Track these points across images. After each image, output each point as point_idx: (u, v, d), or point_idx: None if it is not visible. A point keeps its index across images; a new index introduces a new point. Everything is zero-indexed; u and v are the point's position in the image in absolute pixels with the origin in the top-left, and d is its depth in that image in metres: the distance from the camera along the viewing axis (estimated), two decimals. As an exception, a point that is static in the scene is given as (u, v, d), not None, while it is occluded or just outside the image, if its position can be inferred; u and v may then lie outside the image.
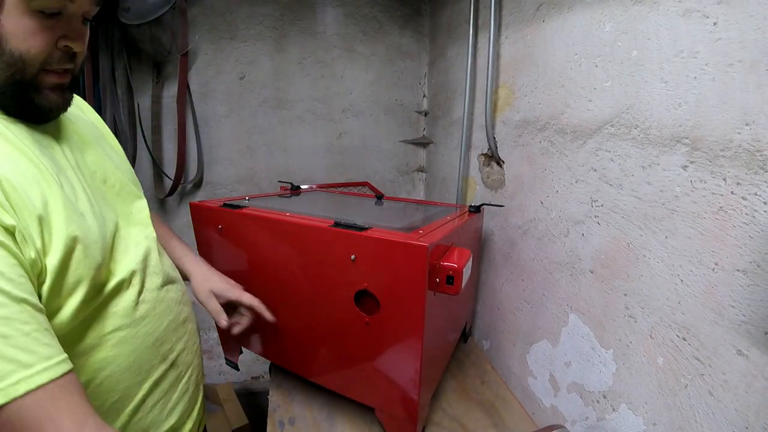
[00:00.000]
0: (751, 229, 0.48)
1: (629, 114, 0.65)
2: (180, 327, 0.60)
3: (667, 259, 0.59)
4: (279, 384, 0.95)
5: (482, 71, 1.08)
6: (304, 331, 0.81)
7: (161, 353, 0.56)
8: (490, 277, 1.11)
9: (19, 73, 0.40)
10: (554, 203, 0.84)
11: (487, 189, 1.12)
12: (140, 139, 1.35)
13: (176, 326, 0.59)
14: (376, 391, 0.75)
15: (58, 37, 0.41)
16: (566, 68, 0.79)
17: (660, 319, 0.61)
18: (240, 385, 1.66)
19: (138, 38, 1.23)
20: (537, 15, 0.87)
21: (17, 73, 0.40)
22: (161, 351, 0.56)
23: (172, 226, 1.48)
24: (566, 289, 0.81)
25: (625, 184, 0.66)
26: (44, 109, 0.45)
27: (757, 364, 0.48)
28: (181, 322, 0.60)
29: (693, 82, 0.54)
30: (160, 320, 0.55)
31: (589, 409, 0.76)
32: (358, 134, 1.58)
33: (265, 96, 1.46)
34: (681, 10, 0.55)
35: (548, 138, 0.86)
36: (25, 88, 0.42)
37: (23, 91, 0.42)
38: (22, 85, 0.41)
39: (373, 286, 0.66)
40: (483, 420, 0.85)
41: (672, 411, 0.59)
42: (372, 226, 0.68)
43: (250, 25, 1.40)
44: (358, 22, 1.48)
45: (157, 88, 1.36)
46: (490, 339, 1.12)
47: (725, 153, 0.51)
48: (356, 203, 1.12)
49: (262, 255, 0.80)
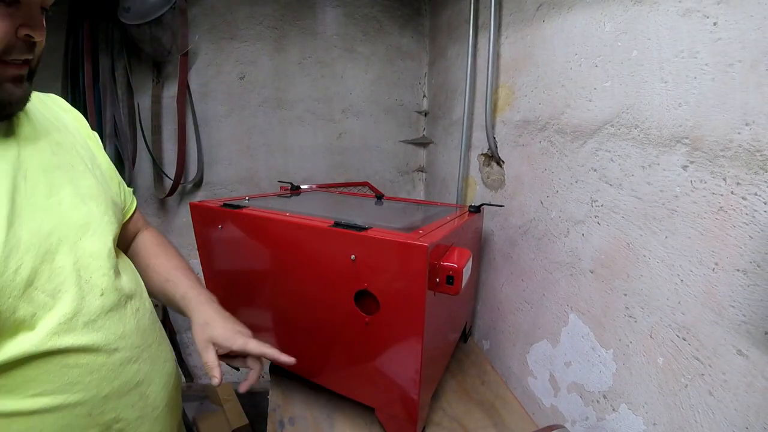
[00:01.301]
0: (751, 229, 0.48)
1: (629, 114, 0.65)
2: (130, 392, 0.50)
3: (667, 259, 0.59)
4: (279, 384, 0.95)
5: (482, 71, 1.08)
6: (304, 331, 0.81)
7: (100, 423, 0.48)
8: (490, 277, 1.11)
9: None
10: (554, 203, 0.84)
11: (487, 189, 1.12)
12: (140, 139, 1.35)
13: (125, 392, 0.50)
14: (376, 391, 0.75)
15: (17, 26, 0.38)
16: (566, 68, 0.79)
17: (660, 319, 0.61)
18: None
19: (138, 38, 1.23)
20: (537, 15, 0.87)
21: None
22: (100, 421, 0.47)
23: (172, 226, 1.49)
24: (566, 289, 0.81)
25: (625, 184, 0.66)
26: (4, 102, 0.41)
27: (757, 364, 0.48)
28: (134, 386, 0.51)
29: (693, 82, 0.54)
30: (98, 387, 0.46)
31: (589, 409, 0.76)
32: (358, 134, 1.58)
33: (265, 96, 1.46)
34: (681, 10, 0.55)
35: (548, 138, 0.86)
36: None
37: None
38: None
39: (373, 286, 0.66)
40: (483, 420, 0.85)
41: (672, 411, 0.59)
42: (372, 226, 0.68)
43: (250, 25, 1.40)
44: (358, 22, 1.49)
45: (157, 88, 1.36)
46: (490, 339, 1.12)
47: (725, 153, 0.51)
48: (356, 203, 1.12)
49: (262, 255, 0.80)
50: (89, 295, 0.46)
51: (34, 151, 0.46)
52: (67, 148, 0.51)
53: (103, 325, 0.47)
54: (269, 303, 0.83)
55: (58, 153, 0.49)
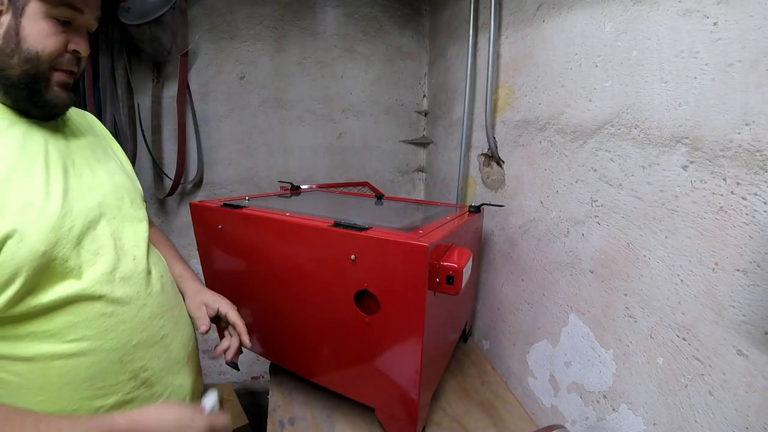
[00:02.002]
0: (751, 229, 0.48)
1: (629, 114, 0.65)
2: (156, 344, 0.58)
3: (667, 259, 0.59)
4: (279, 384, 0.95)
5: (482, 71, 1.08)
6: (304, 331, 0.81)
7: (130, 370, 0.54)
8: (490, 277, 1.11)
9: (33, 68, 0.47)
10: (554, 203, 0.84)
11: (487, 189, 1.12)
12: (140, 139, 1.35)
13: (152, 343, 0.57)
14: (376, 391, 0.75)
15: (67, 42, 0.49)
16: (566, 68, 0.79)
17: (660, 319, 0.61)
18: (240, 385, 1.67)
19: (138, 38, 1.23)
20: (537, 15, 0.87)
21: (32, 68, 0.47)
22: (130, 368, 0.54)
23: (172, 226, 1.49)
24: (566, 289, 0.81)
25: (625, 184, 0.66)
26: (51, 103, 0.51)
27: (757, 364, 0.48)
28: (159, 339, 0.59)
29: (693, 82, 0.54)
30: (130, 336, 0.54)
31: (589, 409, 0.76)
32: (358, 134, 1.58)
33: (265, 96, 1.46)
34: (681, 10, 0.55)
35: (548, 138, 0.86)
36: (37, 81, 0.48)
37: (35, 84, 0.48)
38: (35, 79, 0.48)
39: (373, 286, 0.66)
40: (483, 420, 0.85)
41: (672, 411, 0.59)
42: (372, 226, 0.68)
43: (250, 25, 1.40)
44: (358, 22, 1.49)
45: (157, 88, 1.36)
46: (490, 339, 1.12)
47: (725, 153, 0.51)
48: (356, 203, 1.12)
49: (262, 255, 0.80)
50: (123, 258, 0.56)
51: (77, 147, 0.56)
52: (101, 147, 0.63)
53: (135, 283, 0.56)
54: (269, 303, 0.83)
55: (95, 150, 0.60)
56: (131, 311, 0.54)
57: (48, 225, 0.47)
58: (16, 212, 0.45)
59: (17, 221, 0.44)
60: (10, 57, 0.46)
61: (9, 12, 0.46)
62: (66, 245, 0.48)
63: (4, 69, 0.47)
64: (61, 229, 0.48)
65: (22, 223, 0.45)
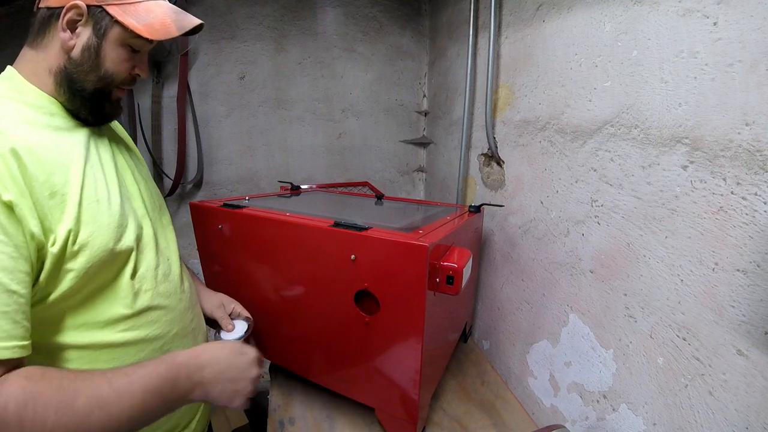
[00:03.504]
0: (751, 229, 0.48)
1: (629, 114, 0.65)
2: (188, 335, 0.63)
3: (667, 259, 0.59)
4: (279, 384, 0.95)
5: (482, 71, 1.08)
6: (304, 331, 0.81)
7: None
8: (490, 277, 1.11)
9: (106, 86, 0.54)
10: (554, 203, 0.84)
11: (487, 189, 1.12)
12: (140, 139, 1.35)
13: (185, 334, 0.62)
14: (376, 391, 0.75)
15: (134, 67, 0.56)
16: (566, 68, 0.79)
17: (660, 319, 0.61)
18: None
19: (138, 38, 1.23)
20: (537, 15, 0.87)
21: (105, 86, 0.54)
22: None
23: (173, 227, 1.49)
24: (566, 289, 0.81)
25: (625, 184, 0.66)
26: (108, 114, 0.57)
27: (757, 364, 0.48)
28: (190, 331, 0.64)
29: (693, 82, 0.54)
30: (170, 326, 0.59)
31: (589, 409, 0.76)
32: (358, 134, 1.57)
33: (265, 96, 1.46)
34: (681, 10, 0.55)
35: (548, 138, 0.86)
36: (104, 96, 0.55)
37: (101, 98, 0.55)
38: (103, 94, 0.54)
39: (373, 286, 0.66)
40: (483, 420, 0.85)
41: (672, 411, 0.59)
42: (372, 226, 0.68)
43: (250, 25, 1.40)
44: (358, 22, 1.48)
45: (157, 88, 1.36)
46: (490, 339, 1.12)
47: (725, 153, 0.51)
48: (356, 203, 1.12)
49: (262, 255, 0.80)
50: (162, 257, 0.61)
51: (118, 150, 0.61)
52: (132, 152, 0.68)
53: (173, 279, 0.61)
54: (269, 303, 0.83)
55: (131, 155, 0.66)
56: (172, 303, 0.59)
57: (114, 222, 0.51)
58: (88, 207, 0.49)
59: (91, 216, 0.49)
60: (87, 73, 0.51)
61: (89, 27, 0.50)
62: (124, 242, 0.53)
63: (79, 81, 0.51)
64: (121, 227, 0.53)
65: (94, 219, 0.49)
